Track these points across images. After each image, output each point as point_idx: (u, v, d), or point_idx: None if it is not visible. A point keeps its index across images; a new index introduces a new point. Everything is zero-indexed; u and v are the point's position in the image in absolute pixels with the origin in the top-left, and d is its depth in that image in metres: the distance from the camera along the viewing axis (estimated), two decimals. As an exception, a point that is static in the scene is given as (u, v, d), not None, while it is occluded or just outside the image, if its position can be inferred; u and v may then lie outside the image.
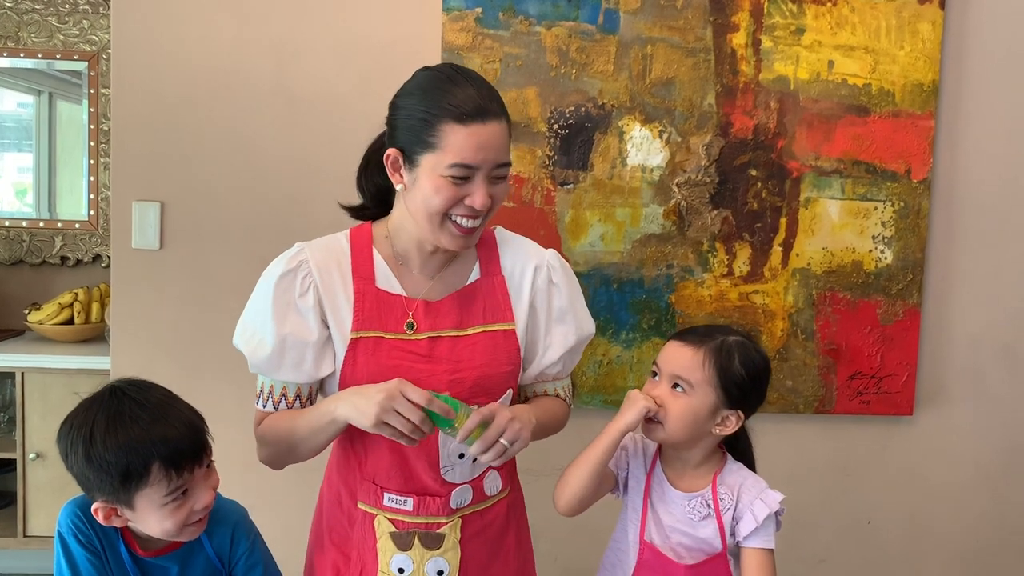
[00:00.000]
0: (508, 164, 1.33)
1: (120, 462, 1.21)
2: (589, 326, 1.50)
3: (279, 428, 1.39)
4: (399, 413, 1.23)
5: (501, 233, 1.51)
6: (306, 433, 1.36)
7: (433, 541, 1.39)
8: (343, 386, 1.37)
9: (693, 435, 1.42)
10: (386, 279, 1.40)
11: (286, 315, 1.37)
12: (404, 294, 1.40)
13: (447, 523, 1.39)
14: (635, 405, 1.39)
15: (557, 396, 1.52)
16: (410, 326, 1.38)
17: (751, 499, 1.43)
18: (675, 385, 1.41)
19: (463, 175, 1.29)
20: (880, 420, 2.39)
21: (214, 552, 1.38)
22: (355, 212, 1.49)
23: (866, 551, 2.46)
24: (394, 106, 1.37)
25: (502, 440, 1.26)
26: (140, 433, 1.22)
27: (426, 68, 1.38)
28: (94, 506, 1.27)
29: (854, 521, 2.44)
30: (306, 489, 2.26)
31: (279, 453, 1.42)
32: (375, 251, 1.42)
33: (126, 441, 1.22)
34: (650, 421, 1.41)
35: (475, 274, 1.44)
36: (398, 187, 1.36)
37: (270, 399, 1.41)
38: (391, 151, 1.35)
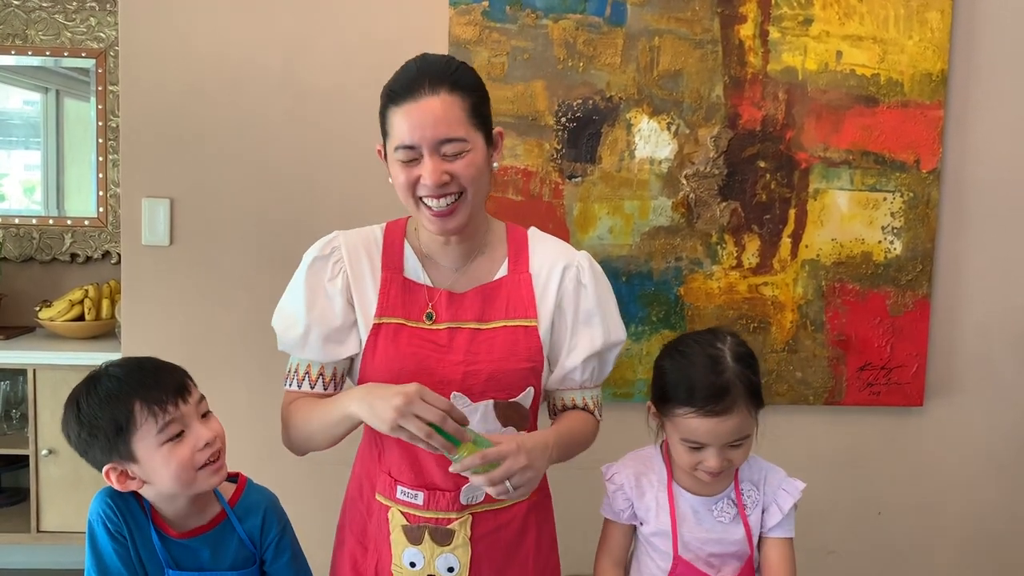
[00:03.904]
0: (458, 139, 1.31)
1: (105, 413, 1.29)
2: (619, 332, 1.47)
3: (298, 415, 1.41)
4: (418, 417, 1.21)
5: (534, 233, 1.50)
6: (320, 425, 1.37)
7: (443, 537, 1.39)
8: (363, 369, 1.40)
9: None
10: (414, 270, 1.43)
11: (316, 298, 1.41)
12: (430, 284, 1.42)
13: (457, 519, 1.39)
14: None
15: (585, 408, 1.48)
16: (429, 316, 1.39)
17: (774, 490, 1.43)
18: (732, 445, 1.39)
19: (409, 157, 1.32)
20: (890, 411, 2.39)
21: (246, 535, 1.40)
22: None
23: (876, 542, 2.46)
24: None
25: (508, 484, 1.24)
26: (115, 383, 1.31)
27: None
28: (105, 469, 1.31)
29: (864, 512, 2.44)
30: (316, 485, 2.27)
31: (298, 439, 1.44)
32: (406, 243, 1.45)
33: (105, 394, 1.30)
34: (717, 474, 1.41)
35: (503, 271, 1.44)
36: (390, 180, 1.39)
37: (295, 378, 1.45)
38: (378, 147, 1.41)
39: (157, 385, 1.30)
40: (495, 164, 1.41)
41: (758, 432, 1.43)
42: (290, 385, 1.46)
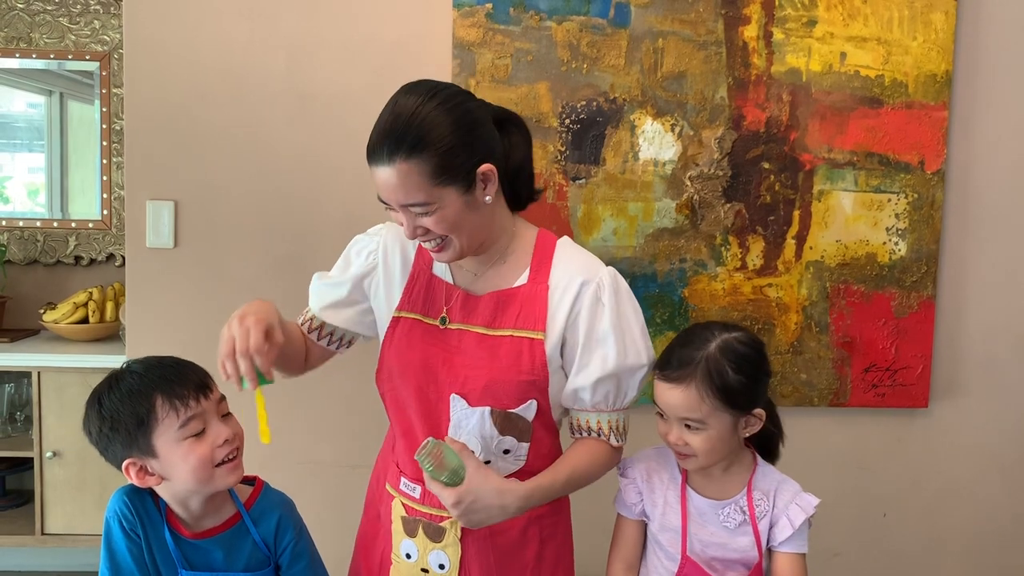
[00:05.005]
0: (418, 203, 1.28)
1: (126, 408, 1.30)
2: (637, 356, 1.38)
3: None
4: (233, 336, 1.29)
5: (563, 244, 1.44)
6: None
7: (435, 533, 1.41)
8: (381, 357, 1.46)
9: (727, 452, 1.41)
10: (442, 268, 1.45)
11: (339, 268, 1.51)
12: (451, 282, 1.44)
13: (448, 518, 1.40)
14: None
15: (599, 432, 1.41)
16: (443, 320, 1.42)
17: (786, 503, 1.41)
18: (687, 425, 1.38)
19: (389, 207, 1.34)
20: (895, 413, 2.39)
21: (260, 538, 1.40)
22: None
23: (881, 544, 2.45)
24: None
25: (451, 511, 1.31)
26: (137, 378, 1.32)
27: None
28: (125, 464, 1.32)
29: (869, 514, 2.44)
30: (322, 487, 2.27)
31: None
32: None
33: (127, 389, 1.31)
34: (683, 455, 1.40)
35: (523, 279, 1.40)
36: None
37: (302, 316, 1.55)
38: None
39: (179, 380, 1.32)
40: (488, 198, 1.33)
41: (741, 433, 1.41)
42: (299, 320, 1.55)
